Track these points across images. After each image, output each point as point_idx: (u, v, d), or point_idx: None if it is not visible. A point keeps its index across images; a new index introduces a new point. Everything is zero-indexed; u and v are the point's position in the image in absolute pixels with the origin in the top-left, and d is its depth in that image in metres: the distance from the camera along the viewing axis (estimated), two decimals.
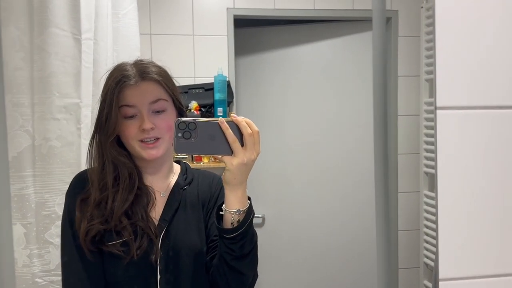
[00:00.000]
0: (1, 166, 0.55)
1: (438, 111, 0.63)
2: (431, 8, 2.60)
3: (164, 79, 1.05)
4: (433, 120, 2.61)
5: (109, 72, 1.06)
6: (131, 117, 1.01)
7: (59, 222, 1.38)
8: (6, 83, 1.33)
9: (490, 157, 0.59)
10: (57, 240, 1.40)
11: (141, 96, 1.01)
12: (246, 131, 0.86)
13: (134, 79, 1.01)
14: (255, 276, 1.03)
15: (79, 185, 1.06)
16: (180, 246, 1.04)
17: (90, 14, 1.45)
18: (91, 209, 1.00)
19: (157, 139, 1.02)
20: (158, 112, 1.02)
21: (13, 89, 1.33)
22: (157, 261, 1.00)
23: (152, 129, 1.00)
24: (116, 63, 1.65)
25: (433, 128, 2.61)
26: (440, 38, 0.63)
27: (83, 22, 1.41)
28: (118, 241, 0.98)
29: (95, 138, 1.05)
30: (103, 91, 1.03)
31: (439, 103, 0.62)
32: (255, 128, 0.87)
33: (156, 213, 1.07)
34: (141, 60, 1.07)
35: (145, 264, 1.00)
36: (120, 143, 1.05)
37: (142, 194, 1.05)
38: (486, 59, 0.61)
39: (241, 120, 0.86)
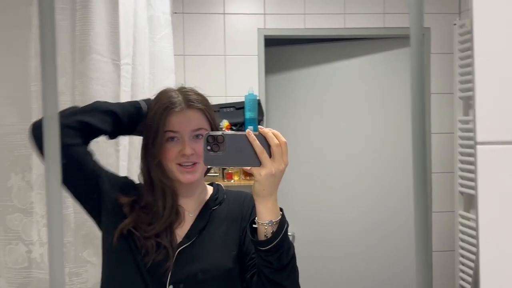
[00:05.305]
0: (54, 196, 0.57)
1: (478, 147, 0.61)
2: (464, 25, 2.57)
3: (207, 108, 1.09)
4: (468, 138, 2.55)
5: (155, 97, 1.11)
6: (173, 140, 1.06)
7: (96, 241, 1.43)
8: None
9: None
10: (94, 259, 1.44)
11: (185, 123, 1.05)
12: (273, 141, 0.88)
13: (180, 106, 1.06)
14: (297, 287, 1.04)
15: (126, 182, 1.15)
16: (201, 265, 1.06)
17: (129, 39, 1.50)
18: (138, 211, 1.07)
19: (195, 163, 1.06)
20: (197, 137, 1.06)
21: None
22: (167, 274, 1.03)
23: (192, 154, 1.04)
24: (152, 86, 1.71)
25: (469, 146, 2.56)
26: (480, 67, 0.61)
27: (122, 48, 1.46)
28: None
29: (143, 160, 1.10)
30: (149, 115, 1.08)
31: (479, 138, 0.61)
32: (282, 139, 0.89)
33: (182, 231, 1.09)
34: (184, 87, 1.12)
35: (157, 276, 1.03)
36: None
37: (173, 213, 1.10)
38: None
39: (268, 131, 0.88)
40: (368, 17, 2.73)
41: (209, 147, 0.87)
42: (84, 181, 1.08)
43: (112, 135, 1.13)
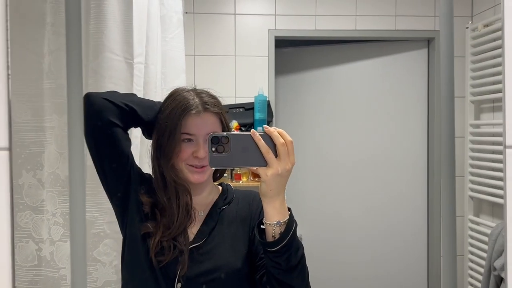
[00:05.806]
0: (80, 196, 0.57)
1: (507, 150, 0.60)
2: (477, 29, 2.54)
3: (222, 112, 1.09)
4: (480, 142, 2.53)
5: (169, 97, 1.10)
6: (187, 141, 1.05)
7: (107, 240, 1.42)
8: (62, 105, 1.39)
9: None
10: (105, 258, 1.43)
11: (201, 126, 1.05)
12: (278, 141, 0.86)
13: (197, 109, 1.05)
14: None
15: (151, 180, 1.13)
16: (211, 264, 1.05)
17: (142, 38, 1.50)
18: (159, 217, 1.06)
19: (205, 166, 1.06)
20: None
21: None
22: (177, 272, 1.03)
23: (205, 157, 1.04)
24: (164, 85, 1.71)
25: (480, 151, 2.53)
26: (510, 71, 0.61)
27: (135, 46, 1.45)
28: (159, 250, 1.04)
29: (155, 161, 1.09)
30: (163, 115, 1.06)
31: (508, 142, 0.60)
32: (288, 138, 0.87)
33: (193, 231, 1.10)
34: (199, 89, 1.11)
35: (167, 273, 1.03)
36: None
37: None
38: None
39: (273, 130, 0.87)
40: (379, 19, 2.71)
41: (213, 148, 0.85)
42: (119, 164, 1.06)
43: (148, 128, 1.12)
